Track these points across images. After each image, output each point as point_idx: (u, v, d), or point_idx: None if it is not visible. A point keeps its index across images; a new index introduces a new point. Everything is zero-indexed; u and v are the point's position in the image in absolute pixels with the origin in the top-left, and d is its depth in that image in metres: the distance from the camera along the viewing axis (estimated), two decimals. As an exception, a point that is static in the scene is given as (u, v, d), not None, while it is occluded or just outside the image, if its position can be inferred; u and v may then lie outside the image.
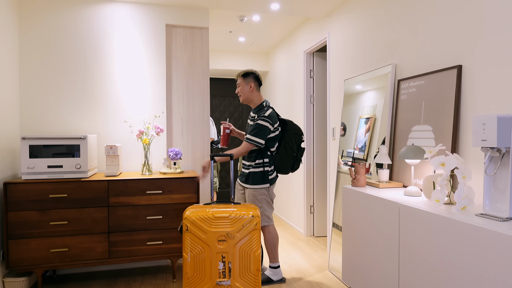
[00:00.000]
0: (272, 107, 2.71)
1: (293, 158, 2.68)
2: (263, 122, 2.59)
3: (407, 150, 2.07)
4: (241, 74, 2.74)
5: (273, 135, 2.65)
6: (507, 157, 1.46)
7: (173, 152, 2.98)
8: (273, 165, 2.69)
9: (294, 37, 4.38)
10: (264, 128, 2.59)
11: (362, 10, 2.95)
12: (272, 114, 2.63)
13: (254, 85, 2.73)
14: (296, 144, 2.69)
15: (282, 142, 2.69)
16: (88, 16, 3.07)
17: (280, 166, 2.68)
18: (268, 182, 2.66)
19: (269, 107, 2.69)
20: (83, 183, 2.64)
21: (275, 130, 2.65)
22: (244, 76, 2.74)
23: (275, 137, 2.67)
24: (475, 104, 1.89)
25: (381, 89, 2.65)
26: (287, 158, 2.65)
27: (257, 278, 2.16)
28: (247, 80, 2.73)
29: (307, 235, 4.08)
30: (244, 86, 2.73)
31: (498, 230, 1.32)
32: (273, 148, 2.67)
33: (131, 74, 3.17)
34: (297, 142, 2.69)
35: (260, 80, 2.78)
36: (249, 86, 2.72)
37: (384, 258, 2.03)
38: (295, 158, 2.70)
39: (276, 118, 2.67)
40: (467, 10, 1.93)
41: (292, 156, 2.67)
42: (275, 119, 2.65)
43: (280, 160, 2.67)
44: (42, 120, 2.99)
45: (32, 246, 2.56)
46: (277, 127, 2.66)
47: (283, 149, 2.65)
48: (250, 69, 2.77)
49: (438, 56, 2.14)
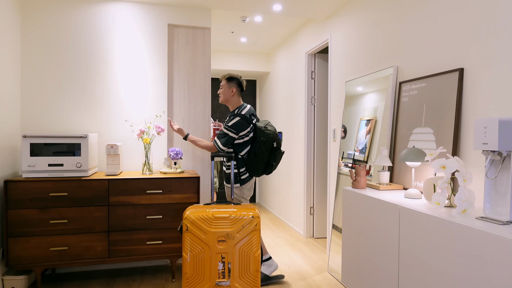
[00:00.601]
0: (242, 114, 2.74)
1: (263, 163, 2.76)
2: (226, 131, 2.72)
3: (408, 153, 2.07)
4: (226, 76, 2.84)
5: (241, 141, 2.75)
6: (508, 161, 1.46)
7: (174, 152, 2.98)
8: (244, 167, 2.78)
9: (296, 38, 4.38)
10: (227, 136, 2.71)
11: (364, 12, 2.95)
12: (237, 123, 2.70)
13: (236, 90, 2.83)
14: (267, 151, 2.74)
15: (252, 148, 2.77)
16: (90, 15, 3.08)
17: (251, 169, 2.77)
18: (239, 183, 2.78)
19: (239, 114, 2.74)
20: (84, 182, 2.65)
21: (241, 138, 2.74)
22: (228, 79, 2.83)
23: (243, 143, 2.76)
24: (476, 107, 1.89)
25: (382, 91, 2.65)
26: (257, 163, 2.74)
27: (256, 278, 2.16)
28: (230, 84, 2.82)
29: (306, 236, 4.08)
30: (227, 89, 2.83)
31: (498, 233, 1.32)
32: (242, 153, 2.76)
33: (133, 73, 3.18)
34: (268, 149, 2.74)
35: (242, 86, 2.86)
36: (231, 90, 2.82)
37: (384, 260, 2.03)
38: (266, 163, 2.78)
39: (243, 126, 2.72)
40: (469, 13, 1.93)
41: (262, 162, 2.74)
42: (241, 127, 2.71)
43: (251, 165, 2.76)
44: (43, 119, 2.99)
45: (32, 244, 2.56)
46: (243, 134, 2.73)
47: (253, 155, 2.74)
48: (236, 74, 2.85)
49: (440, 59, 2.15)
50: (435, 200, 1.71)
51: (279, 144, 2.80)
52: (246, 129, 2.73)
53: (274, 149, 2.77)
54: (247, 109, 2.79)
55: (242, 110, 2.77)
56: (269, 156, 2.77)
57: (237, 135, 2.72)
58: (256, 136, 2.75)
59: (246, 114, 2.75)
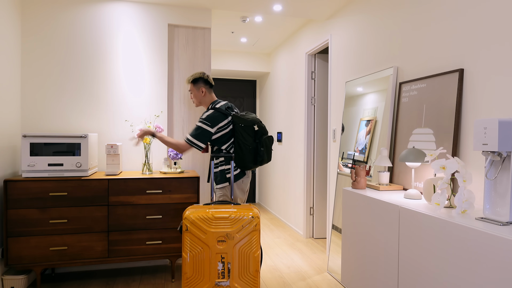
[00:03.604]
0: (217, 107, 2.59)
1: (251, 152, 2.56)
2: (200, 124, 2.53)
3: (408, 153, 2.07)
4: (190, 80, 2.68)
5: (218, 135, 2.57)
6: (508, 161, 1.46)
7: (174, 152, 2.98)
8: (230, 163, 2.60)
9: (296, 39, 4.38)
10: (201, 129, 2.52)
11: (365, 13, 2.95)
12: (210, 115, 2.54)
13: (205, 89, 2.67)
14: (250, 137, 2.56)
15: (235, 138, 2.58)
16: (90, 15, 3.08)
17: (240, 163, 2.57)
18: (227, 181, 2.59)
19: (213, 108, 2.59)
20: (83, 182, 2.65)
21: (219, 131, 2.56)
22: (193, 82, 2.67)
23: (223, 136, 2.58)
24: (476, 108, 1.89)
25: (383, 91, 2.65)
26: (243, 153, 2.55)
27: (256, 279, 2.16)
28: (198, 86, 2.67)
29: (306, 236, 4.08)
30: (196, 92, 2.68)
31: (498, 234, 1.32)
32: (223, 147, 2.59)
33: (133, 73, 3.18)
34: (250, 134, 2.56)
35: (210, 82, 2.71)
36: (201, 91, 2.67)
37: (384, 261, 2.03)
38: (254, 151, 2.58)
39: (219, 117, 2.55)
40: (469, 14, 1.94)
41: (248, 150, 2.55)
42: (216, 119, 2.54)
43: (237, 157, 2.57)
44: (43, 118, 2.99)
45: (31, 244, 2.56)
46: (222, 126, 2.56)
47: (237, 146, 2.55)
48: (198, 73, 2.69)
49: (440, 60, 2.15)
50: (435, 201, 1.72)
51: (261, 127, 2.61)
52: (223, 121, 2.56)
53: (257, 133, 2.59)
54: (222, 103, 2.63)
55: (216, 104, 2.62)
56: (255, 143, 2.58)
57: (213, 128, 2.53)
58: (235, 124, 2.57)
59: (221, 107, 2.59)
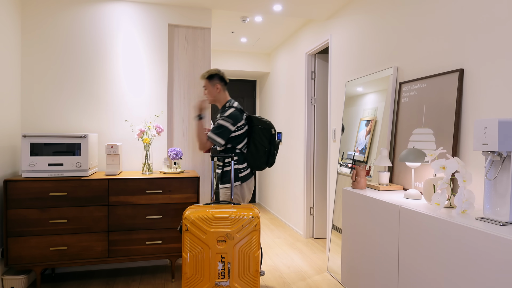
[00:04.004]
0: (235, 106, 2.66)
1: (266, 153, 2.64)
2: (223, 122, 2.57)
3: (408, 153, 2.07)
4: (206, 76, 2.69)
5: (237, 133, 2.62)
6: (508, 161, 1.46)
7: (174, 152, 2.98)
8: (244, 162, 2.65)
9: (296, 39, 4.38)
10: (224, 127, 2.57)
11: (365, 13, 2.95)
12: (233, 114, 2.60)
13: (220, 86, 2.69)
14: (266, 139, 2.64)
15: (251, 139, 2.65)
16: (90, 15, 3.08)
17: (253, 164, 2.64)
18: (239, 180, 2.63)
19: (232, 106, 2.65)
20: (83, 182, 2.64)
21: (238, 129, 2.62)
22: (209, 78, 2.68)
23: (240, 136, 2.64)
24: (476, 108, 1.89)
25: (383, 91, 2.65)
26: (259, 154, 2.62)
27: (256, 279, 2.16)
28: (213, 82, 2.68)
29: (306, 236, 4.08)
30: (211, 88, 2.69)
31: (498, 234, 1.32)
32: (239, 146, 2.64)
33: (133, 73, 3.18)
34: (267, 137, 2.64)
35: (225, 80, 2.72)
36: (216, 87, 2.68)
37: (384, 261, 2.03)
38: (268, 152, 2.66)
39: (239, 117, 2.62)
40: (469, 14, 1.93)
41: (264, 152, 2.63)
42: (237, 118, 2.61)
43: (252, 158, 2.63)
44: (43, 118, 2.99)
45: (31, 244, 2.56)
46: (241, 125, 2.62)
47: (253, 146, 2.61)
48: (214, 70, 2.70)
49: (440, 60, 2.15)
50: (435, 201, 1.72)
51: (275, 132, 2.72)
52: (242, 120, 2.63)
53: (273, 136, 2.67)
54: (237, 103, 2.68)
55: (233, 103, 2.68)
56: (270, 145, 2.66)
57: (234, 126, 2.59)
58: (253, 125, 2.65)
59: (238, 107, 2.66)
